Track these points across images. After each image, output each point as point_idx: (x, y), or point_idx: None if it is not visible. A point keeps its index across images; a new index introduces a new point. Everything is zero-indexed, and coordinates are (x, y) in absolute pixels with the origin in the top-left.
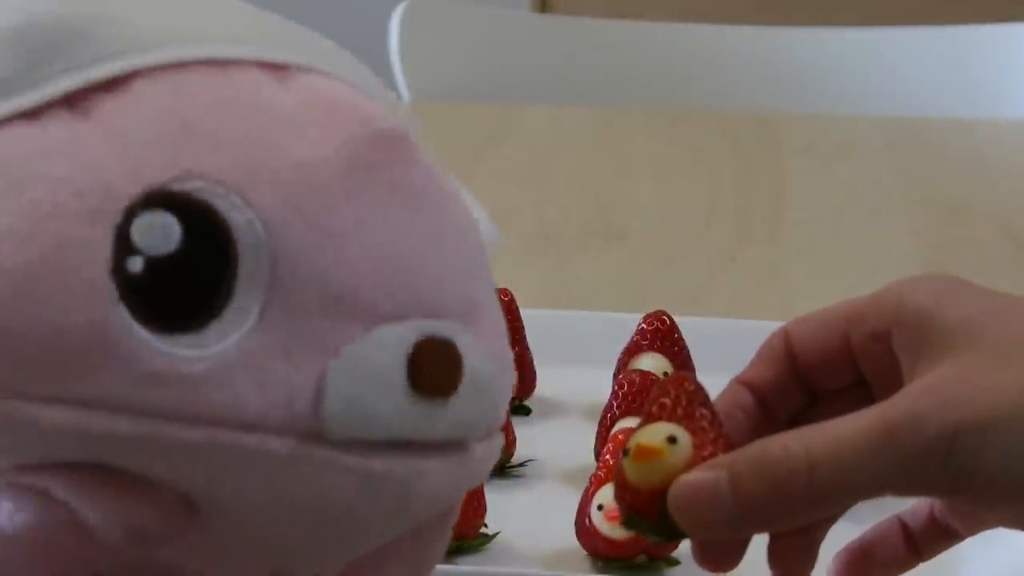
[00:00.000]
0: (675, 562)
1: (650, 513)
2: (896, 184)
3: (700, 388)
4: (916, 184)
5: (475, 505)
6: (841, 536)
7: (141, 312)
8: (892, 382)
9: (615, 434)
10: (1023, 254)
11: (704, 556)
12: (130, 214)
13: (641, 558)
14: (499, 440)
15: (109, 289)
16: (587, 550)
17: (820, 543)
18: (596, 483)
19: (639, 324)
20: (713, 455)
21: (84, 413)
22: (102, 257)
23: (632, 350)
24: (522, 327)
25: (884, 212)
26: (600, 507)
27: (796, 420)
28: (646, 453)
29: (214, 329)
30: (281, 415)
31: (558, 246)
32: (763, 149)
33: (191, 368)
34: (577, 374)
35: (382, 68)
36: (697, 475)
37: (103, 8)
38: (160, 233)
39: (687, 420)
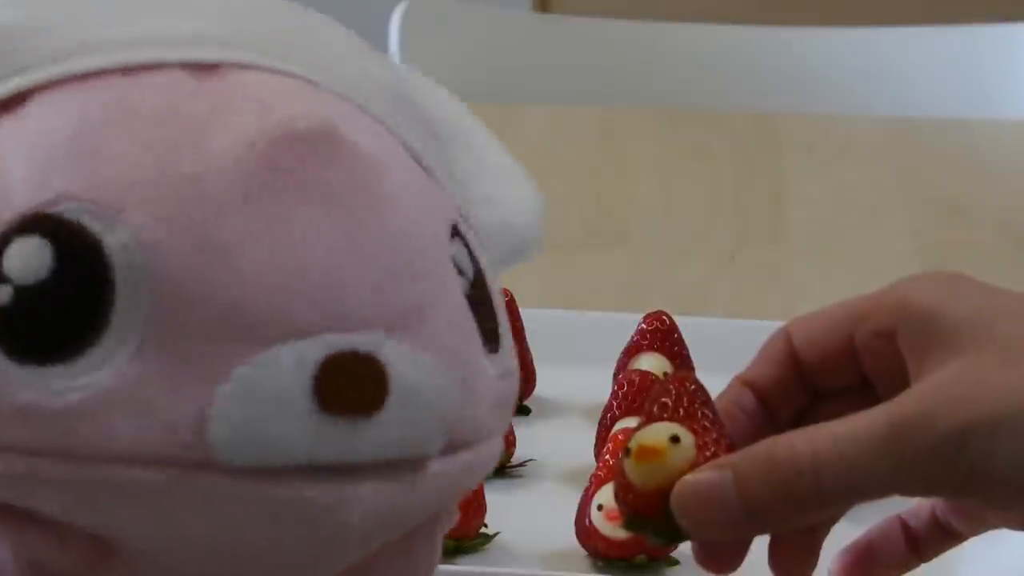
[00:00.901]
0: (675, 562)
1: (652, 514)
2: (896, 184)
3: (701, 388)
4: (916, 184)
5: (475, 505)
6: (842, 537)
7: (8, 344)
8: (897, 381)
9: (615, 434)
10: (1023, 254)
11: (706, 557)
12: (4, 241)
13: (641, 558)
14: (480, 452)
15: None
16: (587, 550)
17: (822, 544)
18: (596, 483)
19: (639, 324)
20: (716, 455)
21: None
22: None
23: (632, 350)
24: (522, 327)
25: (884, 212)
26: (600, 507)
27: (798, 420)
28: (648, 453)
29: (88, 359)
30: (162, 445)
31: (558, 246)
32: (763, 149)
33: (60, 401)
34: (577, 374)
35: None
36: (701, 475)
37: (16, 19)
38: (31, 259)
39: (689, 420)
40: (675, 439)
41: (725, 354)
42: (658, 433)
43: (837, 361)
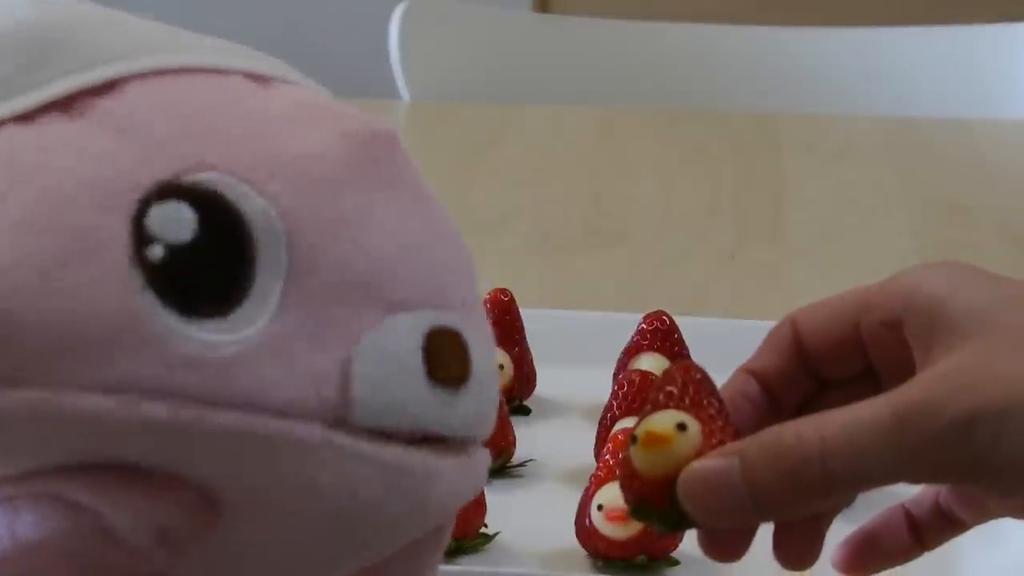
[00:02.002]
0: (675, 562)
1: (658, 501)
2: (896, 184)
3: (706, 376)
4: (916, 184)
5: (475, 505)
6: (844, 531)
7: (166, 298)
8: (903, 369)
9: (615, 434)
10: (1023, 254)
11: (711, 545)
12: (144, 205)
13: (641, 558)
14: (486, 454)
15: (134, 275)
16: (587, 550)
17: (825, 533)
18: (596, 483)
19: (639, 324)
20: (722, 443)
21: (117, 399)
22: (122, 245)
23: (632, 350)
24: (522, 327)
25: (884, 212)
26: (600, 507)
27: (803, 409)
28: (655, 440)
29: (238, 315)
30: (309, 400)
31: (558, 246)
32: (763, 149)
33: (220, 352)
34: (577, 374)
35: (382, 68)
36: (708, 462)
37: (85, 18)
38: (175, 223)
39: (695, 408)
40: (682, 426)
41: (725, 354)
42: (664, 420)
43: (842, 350)
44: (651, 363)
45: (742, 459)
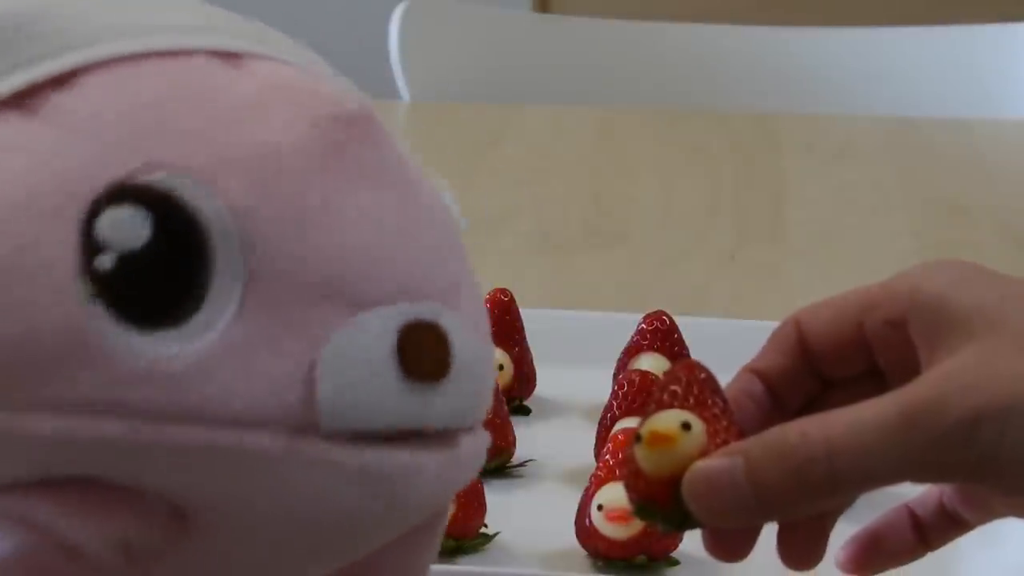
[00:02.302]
0: (675, 562)
1: (663, 501)
2: (896, 184)
3: (711, 375)
4: (916, 184)
5: (475, 505)
6: (847, 532)
7: (117, 310)
8: (907, 368)
9: (615, 434)
10: (1023, 254)
11: (716, 545)
12: (94, 210)
13: (641, 558)
14: (484, 437)
15: (80, 288)
16: (587, 550)
17: (830, 532)
18: (596, 483)
19: (639, 324)
20: (726, 442)
21: (67, 419)
22: (69, 255)
23: (632, 350)
24: (522, 327)
25: (884, 212)
26: (600, 507)
27: (807, 408)
28: (659, 439)
29: (195, 322)
30: (271, 407)
31: (558, 246)
32: (763, 149)
33: (175, 364)
34: (577, 374)
35: (382, 68)
36: (713, 462)
37: (45, 6)
38: (128, 227)
39: (699, 407)
40: (686, 426)
41: (725, 354)
42: (669, 420)
43: (847, 349)
44: (651, 363)
45: (746, 458)
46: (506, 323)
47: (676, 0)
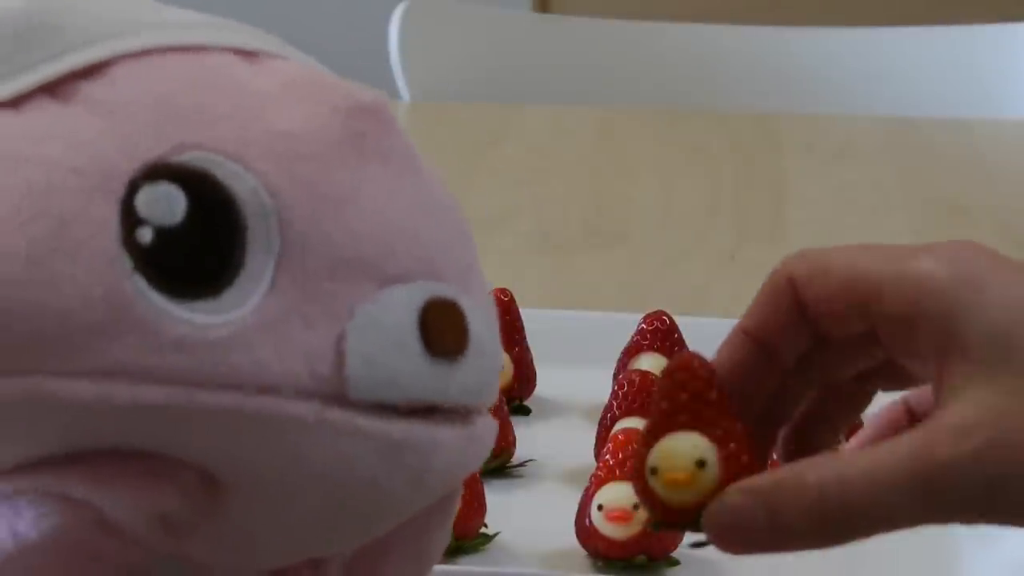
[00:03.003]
0: (675, 562)
1: (682, 523)
2: (896, 184)
3: (713, 375)
4: (916, 184)
5: (475, 505)
6: None
7: (156, 281)
8: (913, 353)
9: (615, 434)
10: (1023, 254)
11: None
12: (132, 188)
13: (641, 558)
14: (494, 422)
15: (122, 259)
16: (587, 550)
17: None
18: (596, 483)
19: (639, 324)
20: (741, 465)
21: (108, 385)
22: (110, 229)
23: (632, 350)
24: (522, 327)
25: (884, 212)
26: (600, 507)
27: (802, 363)
28: (677, 483)
29: (230, 295)
30: (303, 378)
31: (558, 246)
32: (763, 149)
33: (211, 333)
34: (577, 374)
35: (382, 68)
36: (732, 501)
37: (68, 2)
38: (165, 204)
39: (708, 426)
40: (701, 464)
41: None
42: (683, 456)
43: (848, 320)
44: (651, 363)
45: (766, 503)
46: (506, 323)
47: (676, 0)
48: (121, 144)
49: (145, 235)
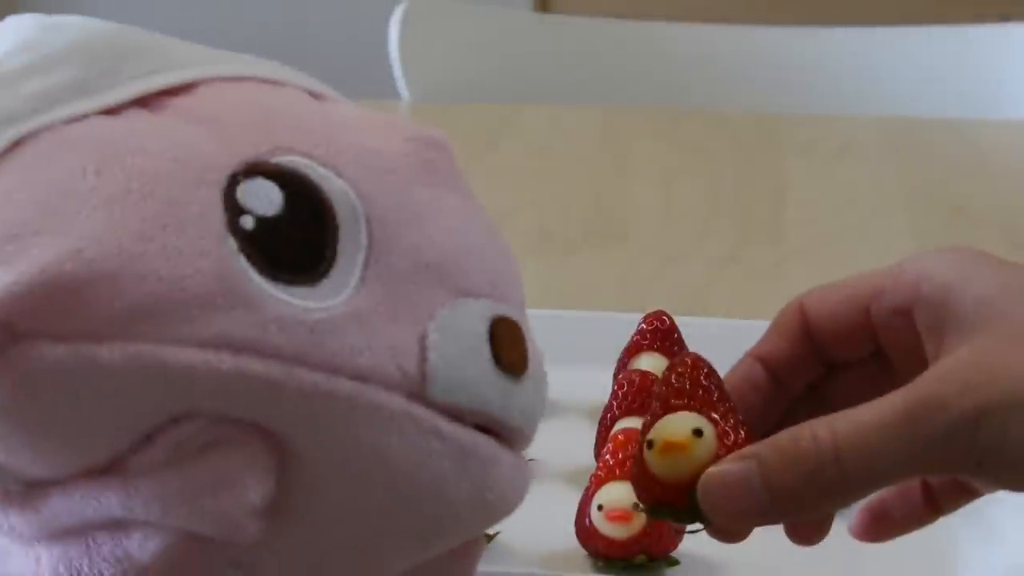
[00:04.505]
0: (675, 562)
1: (676, 503)
2: (896, 184)
3: (712, 370)
4: (916, 184)
5: None
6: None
7: (259, 264)
8: (913, 355)
9: (615, 434)
10: (1023, 254)
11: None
12: (232, 182)
13: (641, 558)
14: (528, 464)
15: (228, 240)
16: (587, 550)
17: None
18: (596, 483)
19: (639, 324)
20: (736, 443)
21: (214, 354)
22: (217, 213)
23: (632, 350)
24: None
25: (884, 212)
26: (600, 507)
27: (809, 392)
28: (672, 447)
29: (324, 285)
30: (390, 370)
31: (558, 246)
32: (763, 149)
33: (309, 316)
34: (577, 374)
35: (382, 68)
36: (726, 467)
37: (151, 36)
38: (264, 198)
39: (706, 408)
40: (697, 432)
41: (725, 354)
42: (680, 426)
43: (852, 335)
44: (651, 363)
45: (760, 463)
46: None
47: (676, 0)
48: (219, 143)
49: (247, 222)
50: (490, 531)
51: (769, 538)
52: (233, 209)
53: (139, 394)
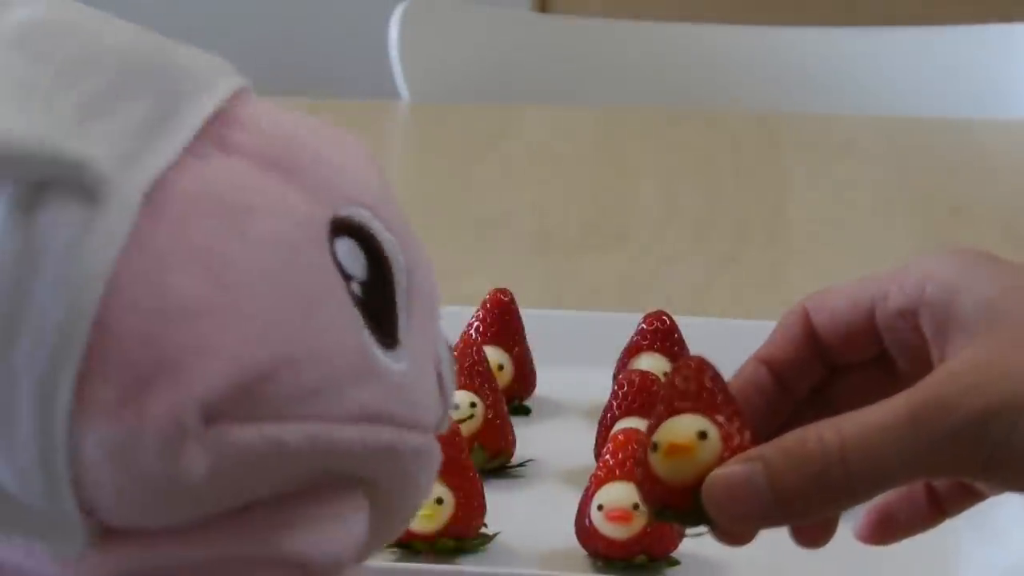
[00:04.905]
0: (675, 562)
1: (681, 506)
2: (896, 184)
3: (717, 373)
4: (916, 184)
5: (475, 505)
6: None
7: (372, 332)
8: (918, 357)
9: (615, 434)
10: (1023, 254)
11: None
12: (331, 242)
13: (641, 558)
14: None
15: (356, 312)
16: (587, 550)
17: (840, 515)
18: (596, 483)
19: (639, 324)
20: (741, 445)
21: (367, 428)
22: (338, 281)
23: (632, 350)
24: (522, 327)
25: (884, 212)
26: (600, 507)
27: (814, 395)
28: (677, 450)
29: (402, 346)
30: (433, 414)
31: (558, 246)
32: (763, 149)
33: (405, 380)
34: (577, 374)
35: (382, 68)
36: (732, 469)
37: (162, 44)
38: (354, 259)
39: (711, 411)
40: (703, 435)
41: (725, 354)
42: (685, 429)
43: (857, 337)
44: (651, 363)
45: (766, 464)
46: (506, 323)
47: (676, 0)
48: (303, 197)
49: (356, 288)
50: (490, 531)
51: (770, 539)
52: (343, 275)
53: (305, 467)
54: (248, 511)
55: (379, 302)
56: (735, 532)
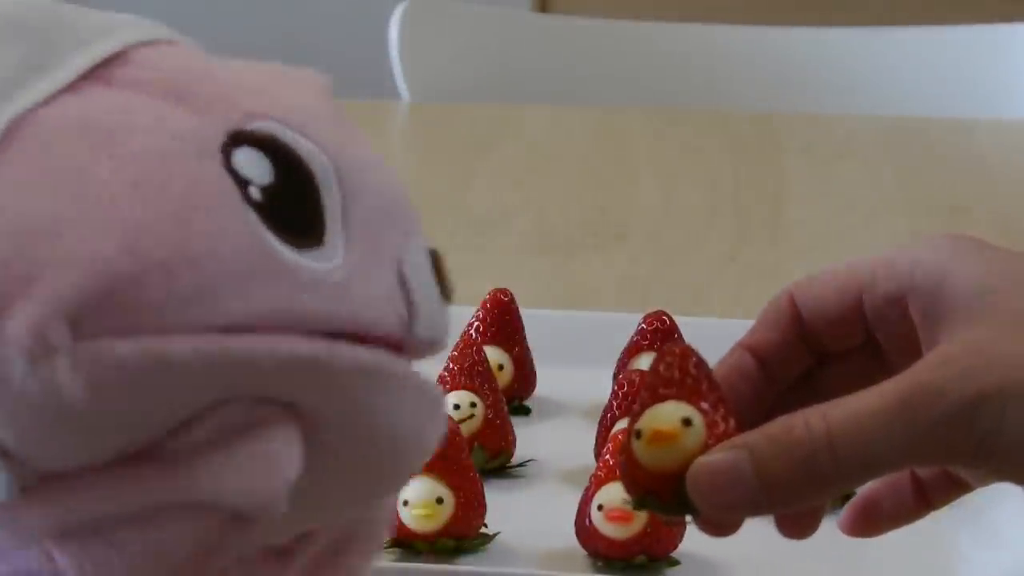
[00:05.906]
0: (675, 562)
1: (665, 494)
2: (896, 184)
3: (701, 360)
4: (916, 184)
5: (475, 505)
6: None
7: (276, 234)
8: (907, 343)
9: (615, 434)
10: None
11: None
12: (226, 153)
13: (641, 558)
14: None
15: (250, 214)
16: (587, 550)
17: (826, 504)
18: (596, 483)
19: (639, 324)
20: (725, 433)
21: (271, 338)
22: (229, 187)
23: (632, 350)
24: (522, 327)
25: (884, 212)
26: (600, 507)
27: (800, 383)
28: (661, 437)
29: (327, 245)
30: (391, 316)
31: (558, 246)
32: (763, 149)
33: (330, 278)
34: (577, 374)
35: (382, 68)
36: (717, 456)
37: (57, 7)
38: (256, 167)
39: (695, 397)
40: (687, 422)
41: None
42: (669, 416)
43: (844, 324)
44: (651, 363)
45: (752, 452)
46: (506, 323)
47: (676, 0)
48: (194, 116)
49: (255, 193)
50: (490, 531)
51: (770, 539)
52: (238, 182)
53: (201, 385)
54: (161, 449)
55: (292, 204)
56: (720, 521)
